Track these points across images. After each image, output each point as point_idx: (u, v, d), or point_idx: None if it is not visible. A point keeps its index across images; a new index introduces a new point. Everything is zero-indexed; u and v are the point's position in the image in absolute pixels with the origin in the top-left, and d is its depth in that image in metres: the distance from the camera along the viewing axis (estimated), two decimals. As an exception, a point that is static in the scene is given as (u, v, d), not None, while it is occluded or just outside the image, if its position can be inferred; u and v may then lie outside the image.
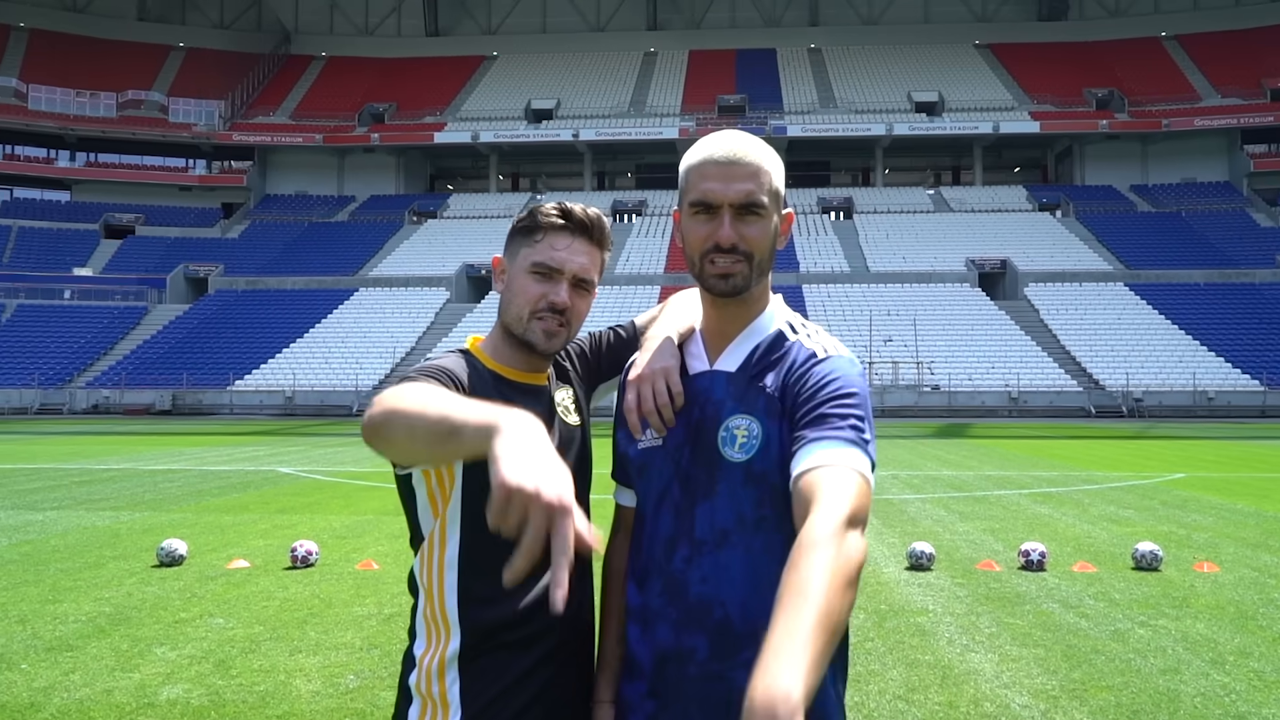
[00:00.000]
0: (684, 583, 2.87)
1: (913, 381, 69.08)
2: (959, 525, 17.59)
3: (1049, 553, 13.97)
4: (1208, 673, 8.88)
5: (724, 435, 2.86)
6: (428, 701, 3.00)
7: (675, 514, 2.92)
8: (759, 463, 2.80)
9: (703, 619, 2.83)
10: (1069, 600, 11.75)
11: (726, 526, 2.82)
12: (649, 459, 3.02)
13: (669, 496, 2.95)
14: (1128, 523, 17.94)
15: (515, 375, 3.19)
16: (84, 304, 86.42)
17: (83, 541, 15.75)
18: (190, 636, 10.08)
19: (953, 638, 10.13)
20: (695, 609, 2.84)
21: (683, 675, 2.85)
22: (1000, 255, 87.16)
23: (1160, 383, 67.75)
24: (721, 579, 2.82)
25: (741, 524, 2.81)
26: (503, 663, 2.98)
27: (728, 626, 2.80)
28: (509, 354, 3.21)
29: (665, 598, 2.90)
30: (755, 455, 2.81)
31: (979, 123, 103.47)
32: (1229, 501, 21.20)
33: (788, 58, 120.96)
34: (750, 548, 2.81)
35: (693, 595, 2.85)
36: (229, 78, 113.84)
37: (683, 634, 2.85)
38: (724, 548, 2.82)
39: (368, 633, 10.26)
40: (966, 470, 28.74)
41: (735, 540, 2.81)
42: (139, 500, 21.21)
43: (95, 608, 11.28)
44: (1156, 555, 13.60)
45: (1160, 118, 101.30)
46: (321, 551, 14.22)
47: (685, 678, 2.85)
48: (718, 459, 2.85)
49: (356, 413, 68.31)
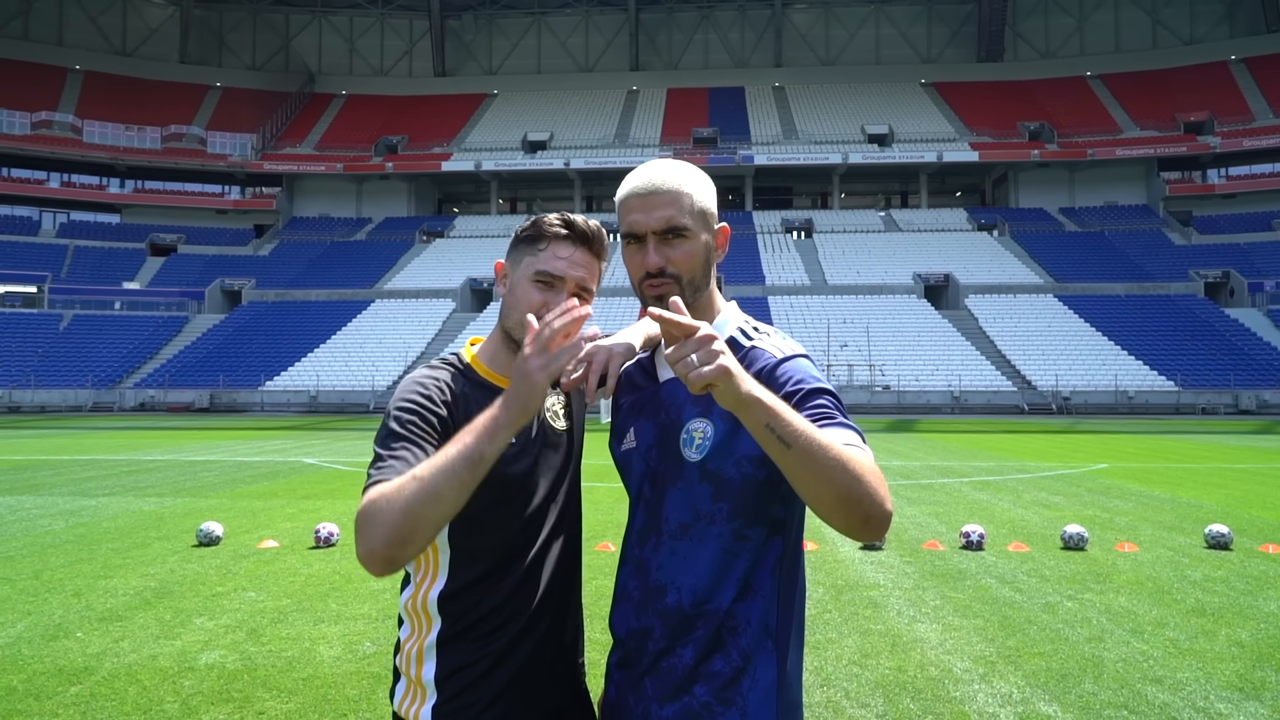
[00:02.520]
0: (648, 568, 2.89)
1: (866, 382, 68.97)
2: (907, 509, 17.61)
3: (987, 534, 14.02)
4: (1128, 641, 8.91)
5: (684, 437, 2.84)
6: (411, 684, 2.96)
7: (647, 508, 2.93)
8: (712, 461, 2.78)
9: (658, 601, 2.84)
10: (1005, 576, 11.79)
11: (685, 519, 2.82)
12: (628, 459, 3.03)
13: (643, 493, 2.95)
14: (1057, 508, 17.98)
15: (505, 381, 3.03)
16: (132, 314, 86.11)
17: (131, 524, 15.73)
18: (226, 608, 10.11)
19: (901, 609, 10.15)
20: (653, 592, 2.86)
21: (643, 650, 2.87)
22: (944, 270, 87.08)
23: (1086, 383, 67.77)
24: (676, 566, 2.82)
25: (697, 517, 2.81)
26: (477, 653, 2.91)
27: (679, 609, 2.80)
28: (506, 359, 3.09)
29: (635, 581, 2.93)
30: (709, 454, 2.79)
31: (925, 152, 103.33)
32: (1147, 489, 21.25)
33: (755, 95, 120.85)
34: (704, 538, 2.80)
35: (652, 579, 2.87)
36: (260, 113, 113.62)
37: (643, 614, 2.88)
38: (682, 538, 2.82)
39: (383, 605, 10.28)
40: (914, 460, 28.76)
41: (692, 531, 2.81)
42: (180, 487, 21.20)
43: (142, 583, 11.30)
44: (1083, 536, 13.63)
45: (1086, 148, 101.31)
46: (342, 533, 14.20)
47: (644, 652, 2.86)
48: (679, 458, 2.85)
49: (374, 410, 68.34)
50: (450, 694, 2.89)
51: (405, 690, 2.97)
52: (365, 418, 61.07)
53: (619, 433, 3.10)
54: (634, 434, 3.01)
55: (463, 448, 2.49)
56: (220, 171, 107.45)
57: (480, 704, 2.88)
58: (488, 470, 2.53)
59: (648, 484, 2.94)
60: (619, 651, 2.99)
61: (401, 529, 2.44)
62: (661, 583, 2.84)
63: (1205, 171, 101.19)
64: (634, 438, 3.01)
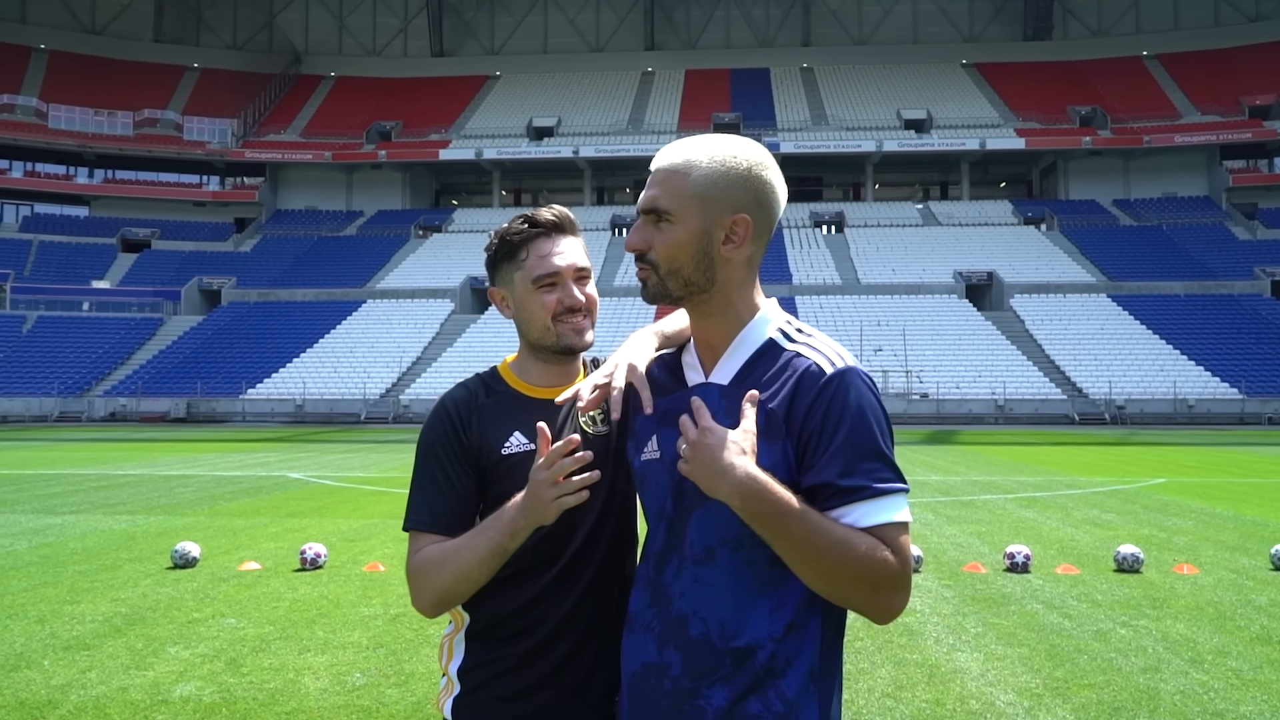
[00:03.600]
0: (669, 596, 2.81)
1: (902, 390, 69.00)
2: (946, 529, 17.60)
3: (1033, 555, 13.98)
4: (1187, 671, 8.89)
5: None
6: (445, 676, 3.22)
7: (669, 527, 2.85)
8: None
9: (681, 634, 2.76)
10: (1053, 601, 11.76)
11: (712, 542, 2.75)
12: (648, 471, 2.95)
13: (665, 510, 2.87)
14: (1110, 526, 17.94)
15: (539, 392, 3.23)
16: (102, 315, 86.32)
17: (100, 544, 15.77)
18: (203, 636, 10.12)
19: (940, 637, 10.15)
20: (675, 623, 2.78)
21: (658, 689, 2.79)
22: (987, 268, 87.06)
23: (1142, 391, 67.66)
24: (703, 594, 2.74)
25: (725, 541, 2.73)
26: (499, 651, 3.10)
27: (706, 643, 2.72)
28: (538, 370, 3.28)
29: (653, 610, 2.85)
30: None
31: (966, 139, 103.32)
32: (1208, 506, 21.19)
33: (781, 77, 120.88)
34: (735, 564, 2.72)
35: (675, 609, 2.79)
36: (241, 97, 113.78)
37: (663, 648, 2.79)
38: (709, 563, 2.75)
39: (374, 632, 10.29)
40: (954, 475, 28.73)
41: (721, 557, 2.74)
42: (154, 504, 21.23)
43: (111, 608, 11.31)
44: (1138, 558, 13.60)
45: (1142, 134, 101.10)
46: (330, 554, 14.24)
47: (660, 692, 2.78)
48: None
49: (365, 420, 68.48)
50: (471, 687, 3.14)
51: (444, 684, 3.25)
52: (356, 429, 61.17)
53: (639, 439, 3.01)
54: (657, 443, 2.93)
55: (489, 542, 2.95)
56: (198, 160, 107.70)
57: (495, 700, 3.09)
58: (510, 554, 2.99)
59: (670, 500, 2.85)
60: (627, 691, 2.93)
61: (442, 599, 3.03)
62: (684, 613, 2.76)
63: (1272, 160, 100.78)
64: (657, 447, 2.92)
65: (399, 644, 9.76)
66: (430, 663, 9.06)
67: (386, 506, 20.67)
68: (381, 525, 17.86)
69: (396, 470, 29.86)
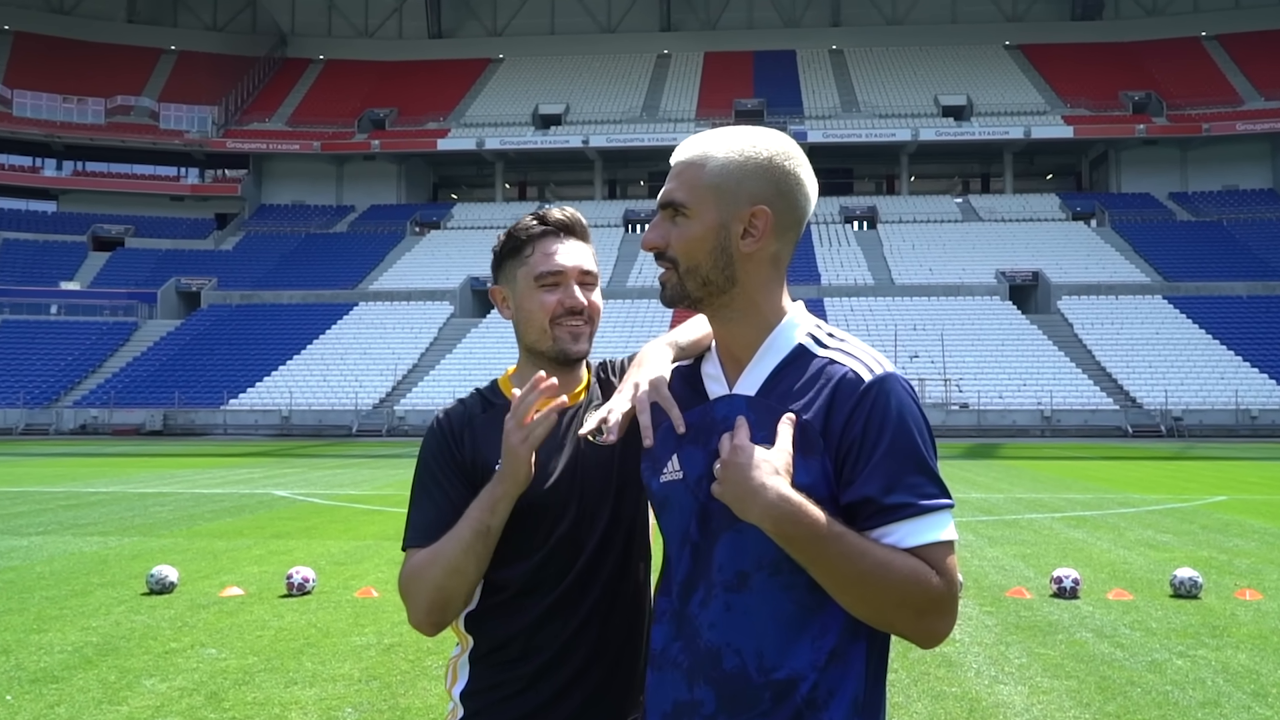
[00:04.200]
0: (697, 628, 2.74)
1: (940, 400, 68.94)
2: (988, 550, 17.60)
3: (1083, 579, 13.96)
4: (1249, 706, 8.87)
5: None
6: (450, 699, 3.27)
7: (694, 553, 2.79)
8: None
9: (713, 668, 2.69)
10: (1103, 629, 11.75)
11: (745, 568, 2.68)
12: (669, 493, 2.87)
13: (689, 534, 2.81)
14: (1166, 548, 17.92)
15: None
16: (71, 319, 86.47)
17: (69, 568, 15.79)
18: (181, 668, 10.12)
19: (981, 669, 10.14)
20: (706, 657, 2.71)
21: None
22: (1032, 267, 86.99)
23: (1200, 401, 67.50)
24: (735, 624, 2.68)
25: (761, 565, 2.66)
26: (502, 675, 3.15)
27: (742, 677, 2.65)
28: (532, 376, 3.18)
29: (679, 644, 2.78)
30: None
31: (1009, 127, 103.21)
32: (1273, 525, 21.16)
33: (808, 60, 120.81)
34: (772, 590, 2.65)
35: (704, 642, 2.72)
36: (222, 82, 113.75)
37: (694, 684, 2.73)
38: (743, 590, 2.68)
39: (367, 664, 10.28)
40: (996, 493, 28.73)
41: (755, 583, 2.67)
42: (128, 525, 21.27)
43: (82, 637, 11.31)
44: (1196, 582, 13.57)
45: (1200, 122, 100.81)
46: (319, 578, 14.23)
47: None
48: None
49: (357, 433, 68.54)
50: (473, 710, 3.20)
51: (450, 709, 3.29)
52: (347, 442, 61.26)
53: (656, 460, 2.93)
54: (678, 462, 2.85)
55: (471, 522, 3.02)
56: (175, 151, 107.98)
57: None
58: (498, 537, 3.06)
59: (695, 524, 2.78)
60: None
61: (436, 601, 3.07)
62: (716, 645, 2.69)
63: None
64: (679, 467, 2.84)
65: (394, 676, 9.76)
66: (428, 697, 9.06)
67: (380, 527, 20.71)
68: (374, 547, 17.88)
69: (391, 488, 29.88)
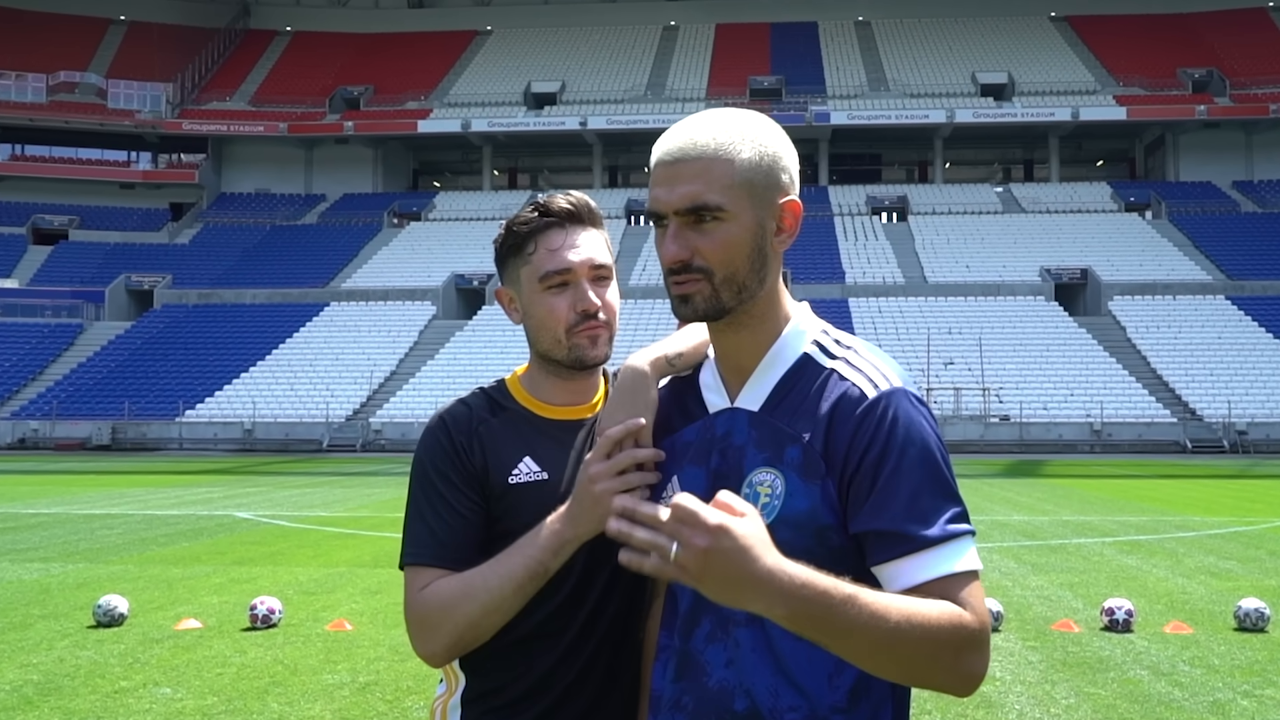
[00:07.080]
0: (702, 665, 2.74)
1: (978, 411, 68.98)
2: (1031, 579, 17.60)
3: (1137, 611, 13.97)
4: (1322, 751, 8.89)
5: (746, 492, 2.67)
6: None
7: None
8: (785, 528, 2.57)
9: (721, 710, 2.69)
10: (1160, 666, 11.75)
11: None
12: None
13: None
14: (1229, 576, 17.93)
15: (553, 412, 3.23)
16: (7, 321, 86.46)
17: (7, 598, 15.81)
18: (132, 709, 10.13)
19: (1024, 710, 10.15)
20: (714, 698, 2.70)
21: None
22: (1080, 264, 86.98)
23: (1268, 413, 67.53)
24: (745, 662, 2.67)
25: None
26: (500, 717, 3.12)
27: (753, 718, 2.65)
28: (551, 387, 3.25)
29: (682, 684, 2.77)
30: (779, 517, 2.62)
31: (1055, 108, 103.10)
32: (1349, 552, 21.16)
33: (831, 32, 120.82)
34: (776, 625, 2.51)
35: (712, 682, 2.71)
36: (178, 57, 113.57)
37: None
38: (750, 625, 2.66)
39: (339, 704, 10.30)
40: (1041, 515, 28.71)
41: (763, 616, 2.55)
42: (73, 550, 21.28)
43: (21, 675, 11.34)
44: (1263, 614, 13.57)
45: (1267, 102, 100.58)
46: (286, 610, 14.23)
47: None
48: None
49: (328, 448, 68.47)
50: None
51: None
52: (316, 459, 61.20)
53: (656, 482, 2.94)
54: (677, 484, 2.85)
55: (528, 561, 2.95)
56: (125, 133, 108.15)
57: None
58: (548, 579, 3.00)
59: None
60: None
61: (466, 638, 3.00)
62: (726, 685, 2.68)
63: None
64: (679, 489, 2.80)
65: (369, 718, 9.78)
66: (407, 740, 9.07)
67: (354, 553, 20.72)
68: (348, 575, 17.89)
69: (366, 509, 29.91)
